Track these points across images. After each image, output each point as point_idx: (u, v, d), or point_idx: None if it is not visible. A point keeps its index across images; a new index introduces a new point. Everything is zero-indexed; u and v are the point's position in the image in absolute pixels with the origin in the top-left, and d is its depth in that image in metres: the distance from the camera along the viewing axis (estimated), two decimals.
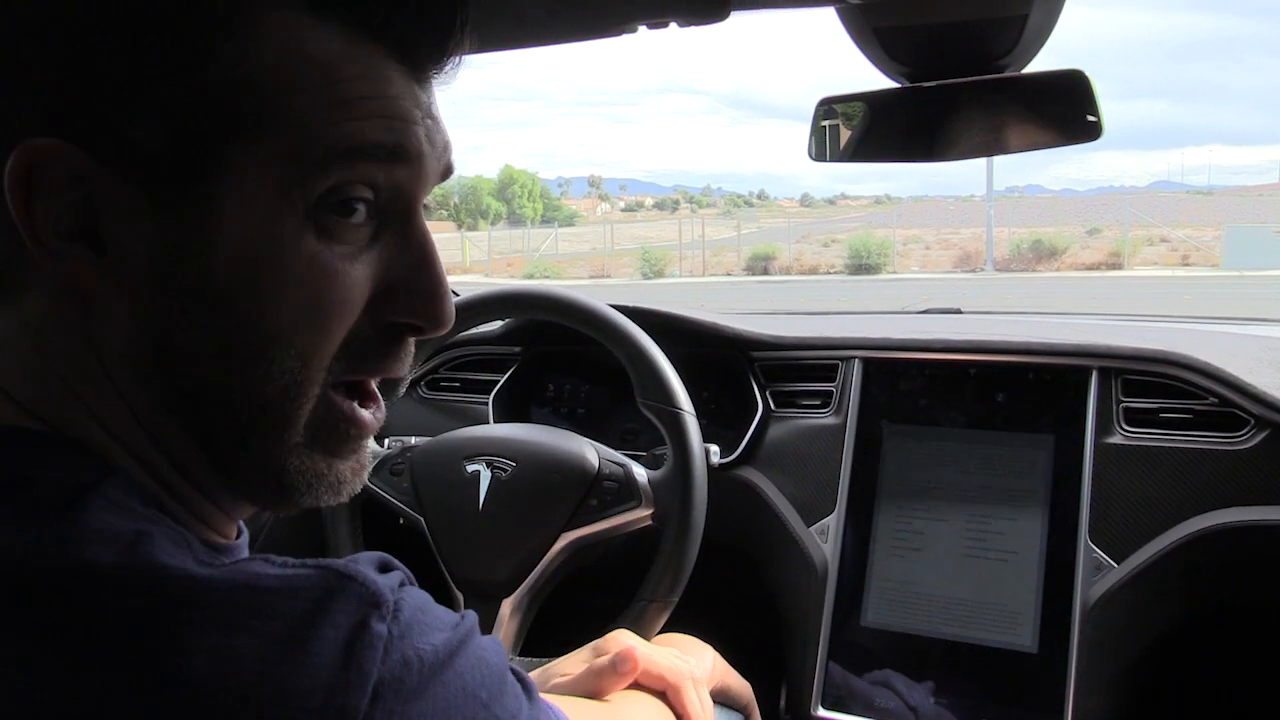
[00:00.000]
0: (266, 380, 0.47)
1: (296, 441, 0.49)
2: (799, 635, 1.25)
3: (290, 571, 0.42)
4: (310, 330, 0.47)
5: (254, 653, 0.39)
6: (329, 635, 0.40)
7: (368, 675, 0.40)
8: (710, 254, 31.94)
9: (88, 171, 0.43)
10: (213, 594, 0.40)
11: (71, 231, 0.44)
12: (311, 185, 0.46)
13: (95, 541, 0.40)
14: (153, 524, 0.43)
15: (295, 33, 0.45)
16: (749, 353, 1.41)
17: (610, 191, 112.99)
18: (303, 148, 0.45)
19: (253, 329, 0.46)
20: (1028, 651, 1.15)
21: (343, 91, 0.46)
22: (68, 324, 0.46)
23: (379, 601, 0.42)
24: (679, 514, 1.11)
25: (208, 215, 0.44)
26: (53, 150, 0.43)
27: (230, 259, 0.45)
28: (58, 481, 0.42)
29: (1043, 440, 1.22)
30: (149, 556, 0.40)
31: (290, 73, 0.45)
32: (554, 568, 1.16)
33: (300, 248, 0.46)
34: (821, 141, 1.19)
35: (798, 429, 1.34)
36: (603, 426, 1.50)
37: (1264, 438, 1.14)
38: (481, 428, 1.27)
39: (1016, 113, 1.08)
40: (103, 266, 0.44)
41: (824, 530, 1.27)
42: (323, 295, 0.47)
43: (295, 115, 0.45)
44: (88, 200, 0.44)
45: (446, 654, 0.44)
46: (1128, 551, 1.14)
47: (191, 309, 0.45)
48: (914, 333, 1.35)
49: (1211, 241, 28.00)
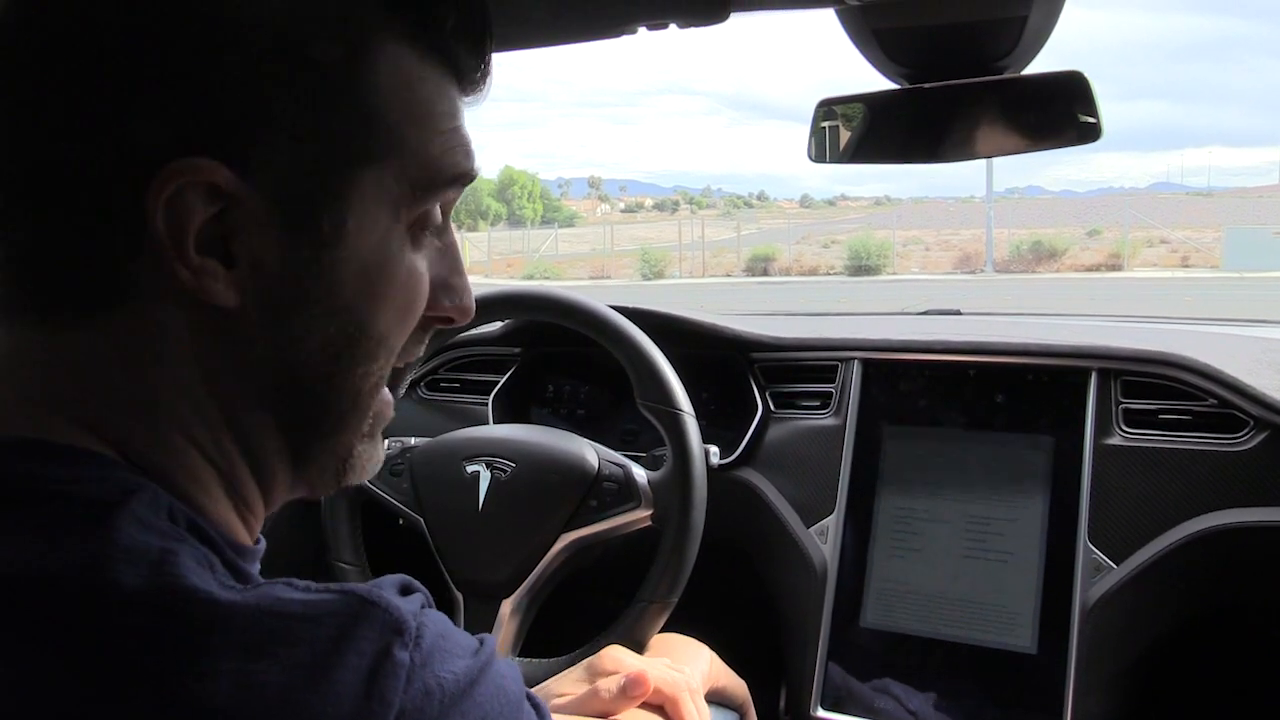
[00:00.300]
0: (366, 378, 0.52)
1: (365, 431, 0.54)
2: (798, 636, 1.25)
3: (314, 597, 0.42)
4: (400, 331, 0.53)
5: (277, 679, 0.39)
6: (353, 663, 0.40)
7: (390, 705, 0.40)
8: (710, 255, 31.95)
9: (233, 190, 0.45)
10: (236, 619, 0.40)
11: (207, 246, 0.46)
12: (416, 207, 0.51)
13: (122, 561, 0.40)
14: (179, 542, 0.43)
15: (405, 66, 0.50)
16: (749, 354, 1.41)
17: (610, 192, 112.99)
18: (416, 174, 0.50)
19: (365, 333, 0.50)
20: (1027, 652, 1.15)
21: (441, 124, 0.52)
22: (183, 333, 0.47)
23: (402, 629, 0.42)
24: (678, 515, 1.11)
25: (339, 233, 0.48)
26: (204, 169, 0.44)
27: (354, 273, 0.49)
28: (87, 498, 0.43)
29: (1042, 441, 1.22)
30: (175, 579, 0.41)
31: (406, 105, 0.50)
32: (553, 568, 1.16)
33: (403, 259, 0.51)
34: (821, 143, 1.19)
35: (797, 430, 1.34)
36: (602, 427, 1.50)
37: (1263, 439, 1.14)
38: (481, 428, 1.27)
39: (1016, 114, 1.08)
40: (232, 279, 0.47)
41: (823, 531, 1.27)
42: (414, 300, 0.53)
43: (411, 146, 0.50)
44: (222, 216, 0.46)
45: (467, 683, 0.44)
46: (1127, 552, 1.14)
47: (315, 317, 0.49)
48: (914, 334, 1.35)
49: (1211, 243, 28.00)
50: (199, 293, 0.46)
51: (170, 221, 0.44)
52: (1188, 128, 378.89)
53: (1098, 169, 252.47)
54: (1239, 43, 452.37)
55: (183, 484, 0.48)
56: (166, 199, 0.44)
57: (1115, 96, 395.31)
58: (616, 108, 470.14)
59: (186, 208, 0.44)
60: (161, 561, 0.41)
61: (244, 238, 0.46)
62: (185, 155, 0.44)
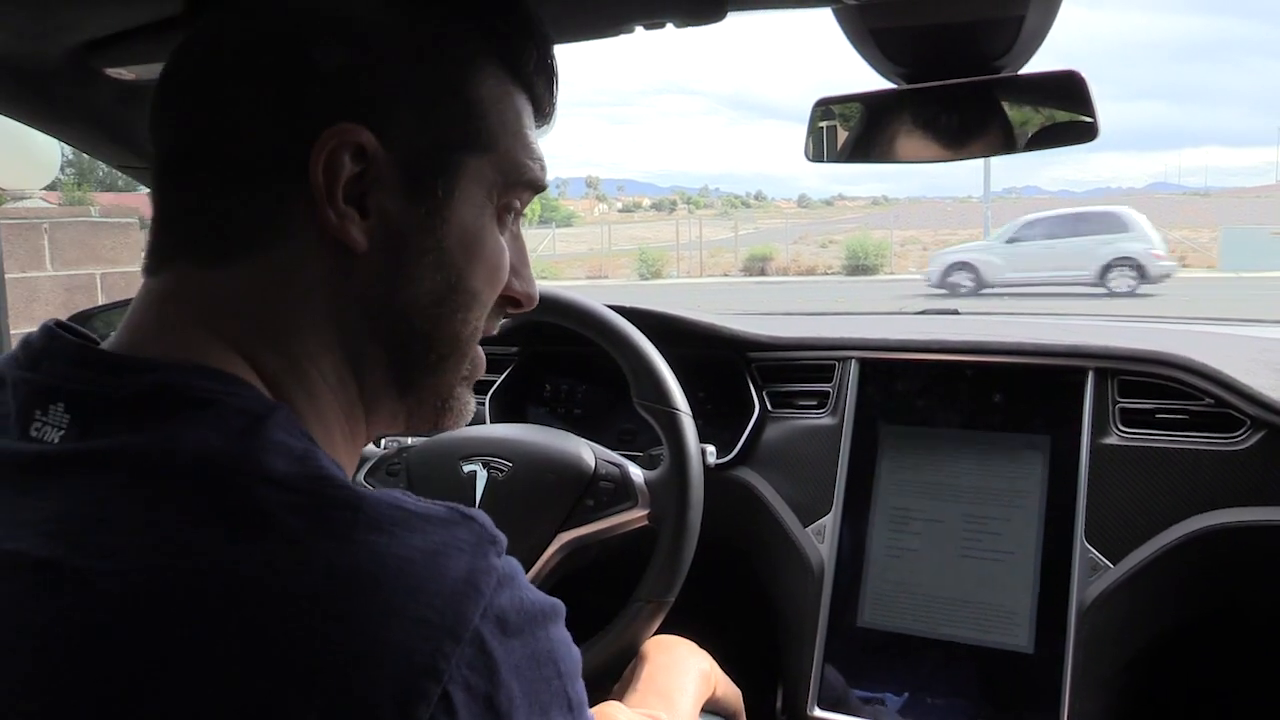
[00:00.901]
0: (465, 324, 0.62)
1: (464, 375, 0.64)
2: (795, 635, 1.25)
3: (425, 504, 0.50)
4: (490, 290, 0.63)
5: (397, 553, 0.46)
6: (456, 554, 0.48)
7: (483, 595, 0.47)
8: (707, 255, 31.94)
9: (375, 153, 0.56)
10: (365, 503, 0.48)
11: (349, 197, 0.56)
12: (504, 196, 0.63)
13: (274, 451, 0.49)
14: (314, 446, 0.51)
15: (503, 86, 0.62)
16: (746, 353, 1.41)
17: (608, 192, 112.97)
18: (507, 170, 0.62)
19: (463, 285, 0.61)
20: (1024, 652, 1.15)
21: (528, 139, 0.64)
22: (322, 270, 0.57)
23: (496, 541, 0.50)
24: (675, 514, 1.11)
25: (448, 200, 0.59)
26: (355, 132, 0.55)
27: (456, 233, 0.60)
28: (241, 408, 0.51)
29: (1039, 441, 1.22)
30: (317, 468, 0.49)
31: (501, 113, 0.61)
32: (550, 568, 1.16)
33: (493, 231, 0.63)
34: (819, 142, 1.19)
35: (794, 429, 1.34)
36: (600, 427, 1.50)
37: (1260, 438, 1.14)
38: (478, 428, 1.27)
39: (1013, 114, 1.08)
40: (365, 227, 0.57)
41: (820, 530, 1.27)
42: (499, 265, 0.64)
43: (504, 147, 0.62)
44: (362, 175, 0.56)
45: (540, 614, 0.51)
46: (1124, 552, 1.15)
47: (424, 266, 0.59)
48: (911, 333, 1.35)
49: (1208, 243, 28.03)
50: (340, 234, 0.56)
51: (326, 173, 0.55)
52: (1185, 128, 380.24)
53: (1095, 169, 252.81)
54: (1237, 43, 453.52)
55: (304, 408, 0.57)
56: (326, 154, 0.55)
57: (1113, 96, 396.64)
58: (614, 107, 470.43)
59: (339, 163, 0.55)
60: (305, 456, 0.50)
61: (377, 194, 0.57)
62: (343, 120, 0.55)
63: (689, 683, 1.04)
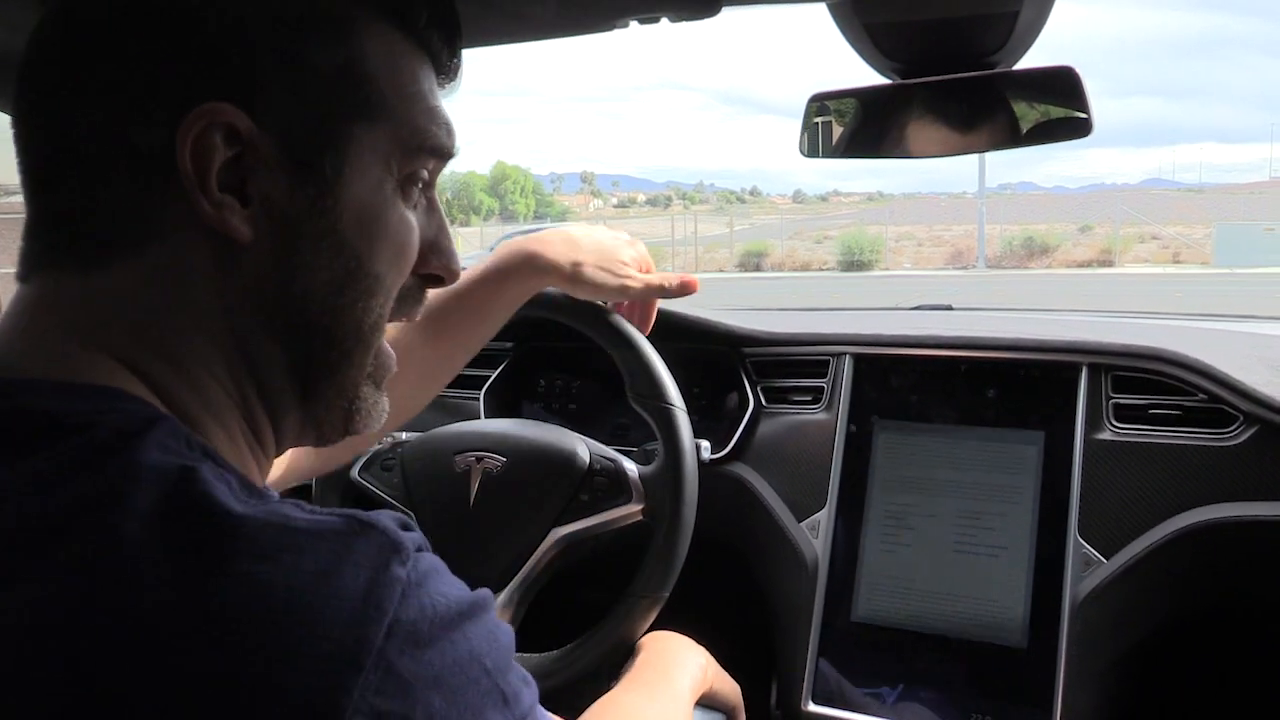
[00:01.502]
0: (367, 313, 0.57)
1: (368, 372, 0.60)
2: (789, 631, 1.25)
3: (317, 516, 0.46)
4: (396, 273, 0.59)
5: (283, 581, 0.42)
6: (351, 573, 0.44)
7: (385, 612, 0.43)
8: (703, 250, 31.95)
9: (249, 134, 0.51)
10: (246, 527, 0.44)
11: (226, 185, 0.52)
12: (405, 166, 0.58)
13: (145, 479, 0.44)
14: (197, 462, 0.47)
15: (392, 44, 0.57)
16: (740, 348, 1.41)
17: (603, 187, 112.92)
18: (406, 138, 0.57)
19: (363, 270, 0.56)
20: (1017, 647, 1.15)
21: (425, 100, 0.59)
22: (205, 267, 0.53)
23: (399, 549, 0.46)
24: (670, 509, 1.11)
25: (339, 178, 0.54)
26: (227, 113, 0.51)
27: (352, 213, 0.55)
28: (117, 428, 0.47)
29: (1033, 436, 1.22)
30: (192, 492, 0.45)
31: (394, 76, 0.57)
32: (545, 563, 1.16)
33: (395, 207, 0.58)
34: (814, 138, 1.19)
35: (789, 425, 1.35)
36: (594, 422, 1.50)
37: (1253, 434, 1.14)
38: (472, 423, 1.27)
39: (1007, 109, 1.09)
40: (246, 215, 0.52)
41: (814, 526, 1.27)
42: (406, 244, 0.59)
43: (399, 113, 0.57)
44: (240, 159, 0.52)
45: (458, 612, 0.47)
46: (1117, 547, 1.15)
47: (319, 253, 0.55)
48: (905, 329, 1.35)
49: (1202, 239, 28.09)
50: (219, 225, 0.52)
51: (196, 158, 0.50)
52: (1180, 124, 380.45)
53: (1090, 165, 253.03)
54: (1232, 39, 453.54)
55: (199, 416, 0.53)
56: (194, 138, 0.50)
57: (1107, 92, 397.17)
58: (609, 103, 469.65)
59: (210, 147, 0.50)
60: (183, 477, 0.45)
61: (257, 179, 0.53)
62: (208, 101, 0.50)
63: (685, 672, 1.04)
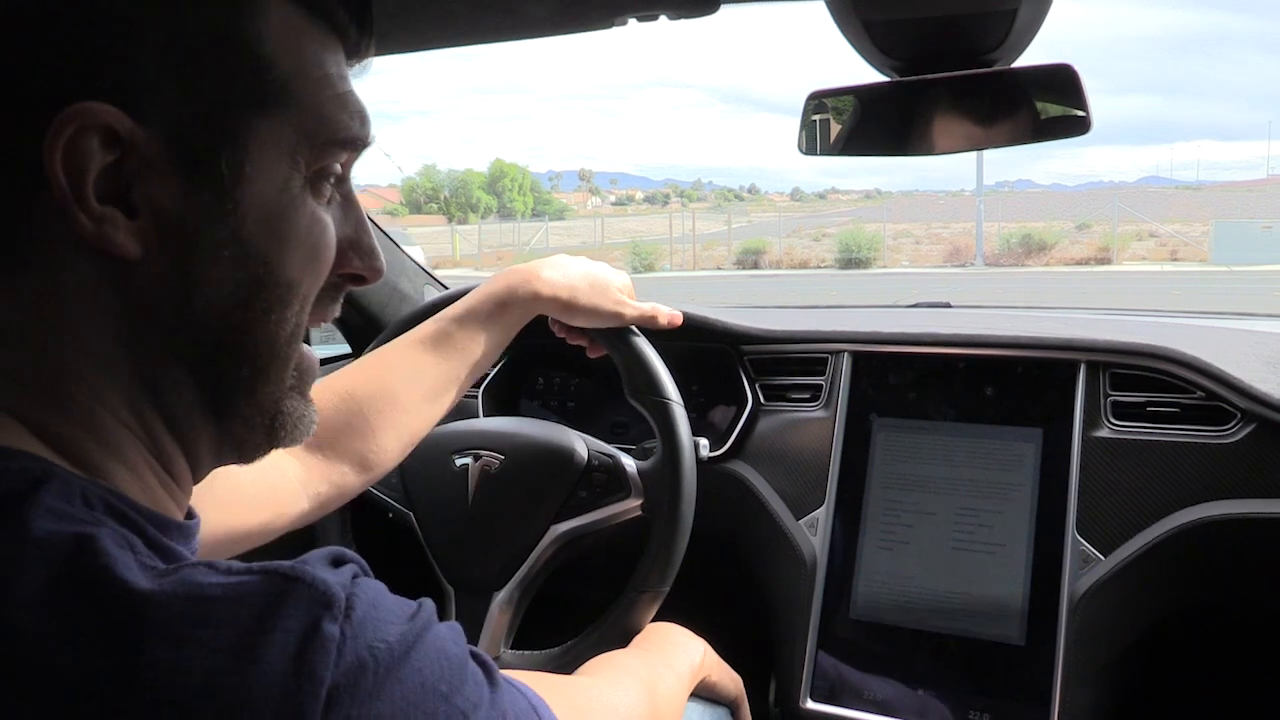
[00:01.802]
0: (281, 324, 0.52)
1: (291, 384, 0.54)
2: (788, 628, 1.25)
3: (234, 579, 0.41)
4: (312, 278, 0.53)
5: (201, 665, 0.38)
6: (278, 641, 0.39)
7: (321, 681, 0.39)
8: (701, 248, 31.93)
9: (130, 135, 0.45)
10: (153, 607, 0.39)
11: (106, 195, 0.46)
12: (313, 159, 0.52)
13: (35, 557, 0.40)
14: (94, 526, 0.42)
15: (293, 24, 0.51)
16: (738, 346, 1.41)
17: (601, 185, 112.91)
18: (312, 128, 0.51)
19: (273, 278, 0.51)
20: (1015, 644, 1.15)
21: (333, 84, 0.53)
22: (88, 291, 0.47)
23: (330, 601, 0.41)
24: (669, 505, 1.11)
25: (238, 178, 0.49)
26: (99, 112, 0.44)
27: (256, 217, 0.49)
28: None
29: (1031, 434, 1.22)
30: (90, 570, 0.40)
31: (296, 60, 0.51)
32: (544, 560, 1.16)
33: (305, 205, 0.52)
34: (812, 135, 1.19)
35: (787, 422, 1.35)
36: (592, 419, 1.50)
37: (1250, 431, 1.14)
38: (470, 421, 1.27)
39: (1005, 107, 1.09)
40: (133, 228, 0.47)
41: (813, 523, 1.27)
42: (320, 245, 0.53)
43: (304, 100, 0.51)
44: (121, 165, 0.46)
45: (402, 650, 0.43)
46: (1115, 544, 1.15)
47: (220, 263, 0.49)
48: (903, 327, 1.35)
49: (1200, 237, 28.09)
50: (101, 243, 0.46)
51: (69, 168, 0.44)
52: (1177, 122, 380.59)
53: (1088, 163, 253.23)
54: (1229, 37, 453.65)
55: (98, 458, 0.48)
56: (64, 144, 0.44)
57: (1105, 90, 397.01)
58: (607, 100, 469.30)
59: (84, 153, 0.44)
60: (77, 551, 0.40)
61: (144, 185, 0.47)
62: (79, 100, 0.44)
63: (684, 652, 1.03)
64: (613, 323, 1.12)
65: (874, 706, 1.18)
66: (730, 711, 1.11)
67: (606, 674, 0.92)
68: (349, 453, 0.94)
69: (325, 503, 0.93)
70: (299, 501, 0.90)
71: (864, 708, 1.19)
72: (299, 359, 0.55)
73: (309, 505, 0.92)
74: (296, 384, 0.55)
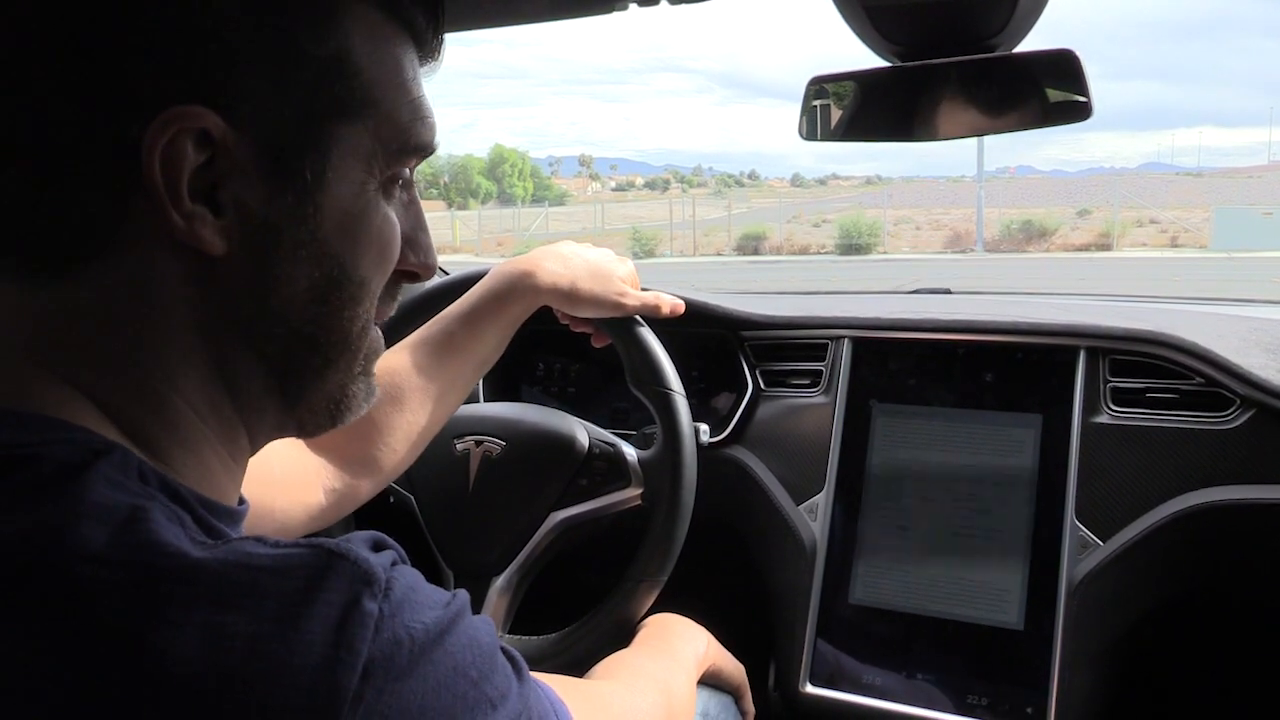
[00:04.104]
0: (353, 321, 0.55)
1: (358, 370, 0.57)
2: (787, 613, 1.26)
3: (282, 551, 0.43)
4: (380, 275, 0.56)
5: (245, 630, 0.40)
6: (321, 613, 0.41)
7: (358, 654, 0.41)
8: (701, 234, 31.89)
9: (223, 138, 0.47)
10: (204, 572, 0.41)
11: (196, 193, 0.48)
12: (388, 165, 0.54)
13: (92, 519, 0.41)
14: (149, 500, 0.44)
15: (374, 27, 0.53)
16: (739, 332, 1.41)
17: (601, 171, 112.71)
18: (389, 136, 0.53)
19: (347, 277, 0.53)
20: (1014, 629, 1.16)
21: (411, 91, 0.55)
22: (174, 282, 0.49)
23: (371, 579, 0.43)
24: (669, 493, 1.11)
25: (320, 182, 0.51)
26: (196, 115, 0.46)
27: (334, 219, 0.52)
28: (56, 461, 0.43)
29: (1030, 419, 1.22)
30: (143, 534, 0.42)
31: (378, 67, 0.53)
32: (544, 547, 1.16)
33: (379, 208, 0.54)
34: (812, 121, 1.19)
35: (787, 408, 1.35)
36: (593, 406, 1.51)
37: (1249, 417, 1.15)
38: (472, 406, 1.27)
39: (1007, 92, 1.08)
40: (220, 226, 0.48)
41: (813, 509, 1.27)
42: (389, 246, 0.56)
43: (384, 108, 0.53)
44: (211, 164, 0.48)
45: (437, 632, 0.44)
46: (1113, 530, 1.15)
47: (298, 263, 0.51)
48: (903, 312, 1.35)
49: (1200, 223, 28.05)
50: (190, 239, 0.48)
51: (166, 167, 0.46)
52: (1179, 107, 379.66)
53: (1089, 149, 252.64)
54: (1232, 22, 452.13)
55: (162, 440, 0.50)
56: (164, 145, 0.46)
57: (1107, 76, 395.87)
58: (607, 85, 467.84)
59: (180, 154, 0.46)
60: (132, 519, 0.42)
61: (231, 185, 0.49)
62: (178, 103, 0.46)
63: (688, 643, 1.04)
64: (614, 313, 1.12)
65: (873, 691, 1.19)
66: (734, 698, 1.11)
67: (623, 678, 0.92)
68: (358, 455, 0.95)
69: (339, 501, 0.94)
70: (315, 492, 0.92)
71: (863, 692, 1.19)
72: (368, 346, 0.57)
73: (324, 500, 0.93)
74: (364, 368, 0.58)
